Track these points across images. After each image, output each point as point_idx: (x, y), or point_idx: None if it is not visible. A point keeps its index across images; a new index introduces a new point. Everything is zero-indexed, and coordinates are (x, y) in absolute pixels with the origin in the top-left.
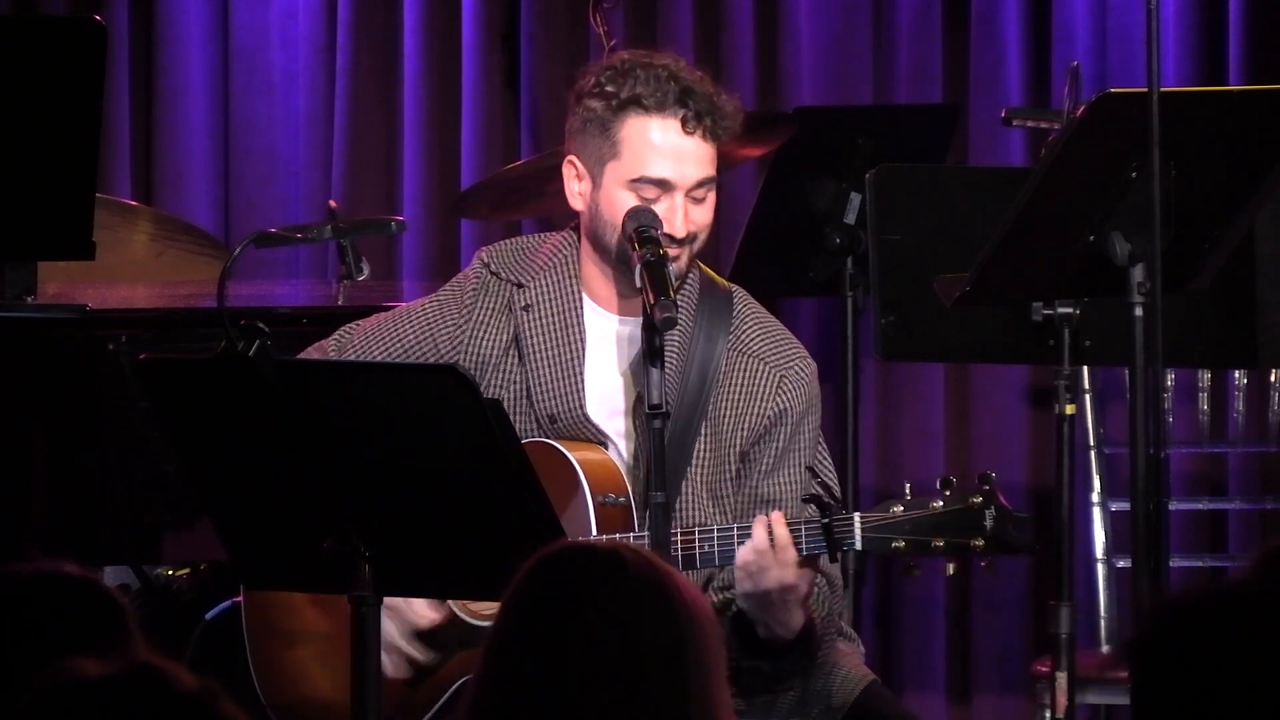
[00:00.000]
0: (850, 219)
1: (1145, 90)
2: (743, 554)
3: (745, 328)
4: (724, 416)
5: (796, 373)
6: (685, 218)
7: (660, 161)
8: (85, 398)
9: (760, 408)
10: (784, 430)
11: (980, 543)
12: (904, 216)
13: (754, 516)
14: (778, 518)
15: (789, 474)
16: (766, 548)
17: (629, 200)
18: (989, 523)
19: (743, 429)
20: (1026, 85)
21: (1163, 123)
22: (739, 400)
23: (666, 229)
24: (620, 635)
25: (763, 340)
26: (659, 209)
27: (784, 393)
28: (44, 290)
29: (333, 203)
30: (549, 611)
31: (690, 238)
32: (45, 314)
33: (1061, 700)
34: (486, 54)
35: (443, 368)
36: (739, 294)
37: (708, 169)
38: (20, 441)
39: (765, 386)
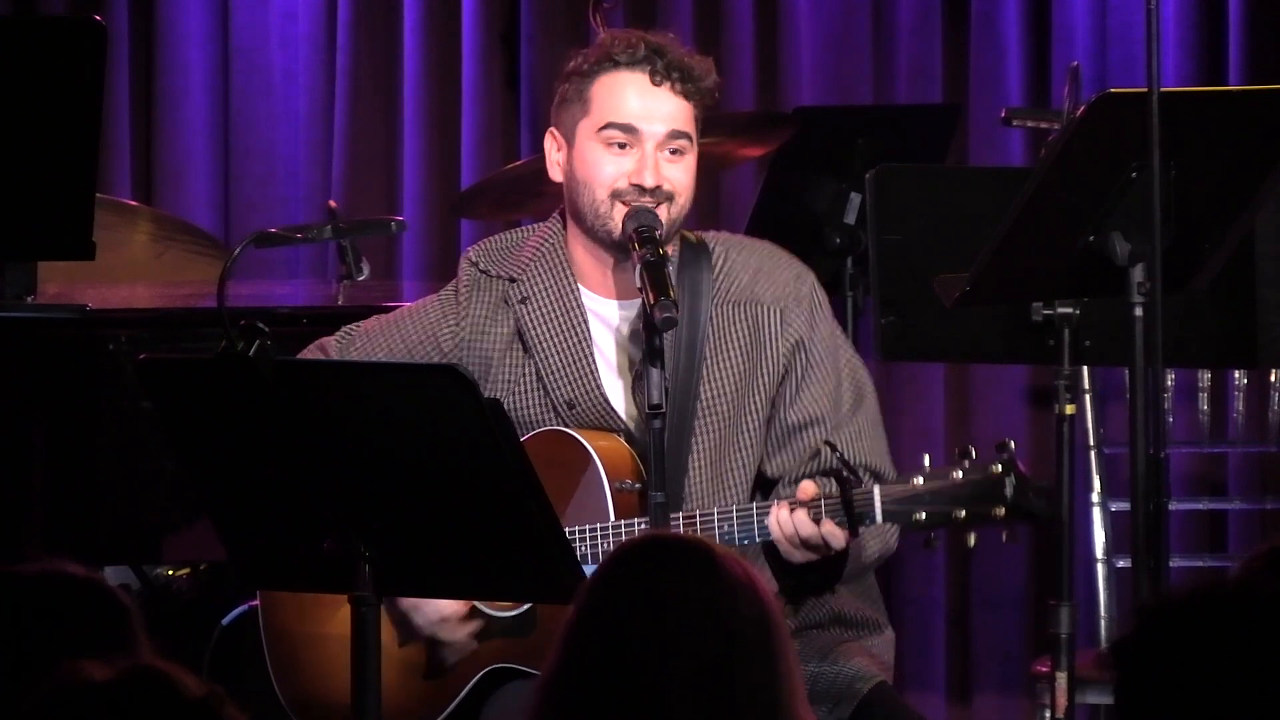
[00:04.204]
0: (850, 219)
1: (1145, 90)
2: (788, 532)
3: (733, 277)
4: (737, 369)
5: (795, 297)
6: (656, 169)
7: (626, 108)
8: (85, 398)
9: (774, 349)
10: (800, 358)
11: (1001, 511)
12: (904, 216)
13: (792, 444)
14: (807, 490)
15: (815, 390)
16: (811, 530)
17: (599, 152)
18: (1009, 491)
19: (764, 374)
20: (1026, 85)
21: (1163, 123)
22: (750, 349)
23: (634, 179)
24: (717, 621)
25: (753, 281)
26: (628, 161)
27: (790, 325)
28: (44, 290)
29: (333, 203)
30: (642, 599)
31: (666, 195)
32: (45, 314)
33: (1061, 700)
34: (486, 54)
35: (443, 367)
36: (714, 240)
37: (677, 124)
38: (20, 441)
39: (772, 325)
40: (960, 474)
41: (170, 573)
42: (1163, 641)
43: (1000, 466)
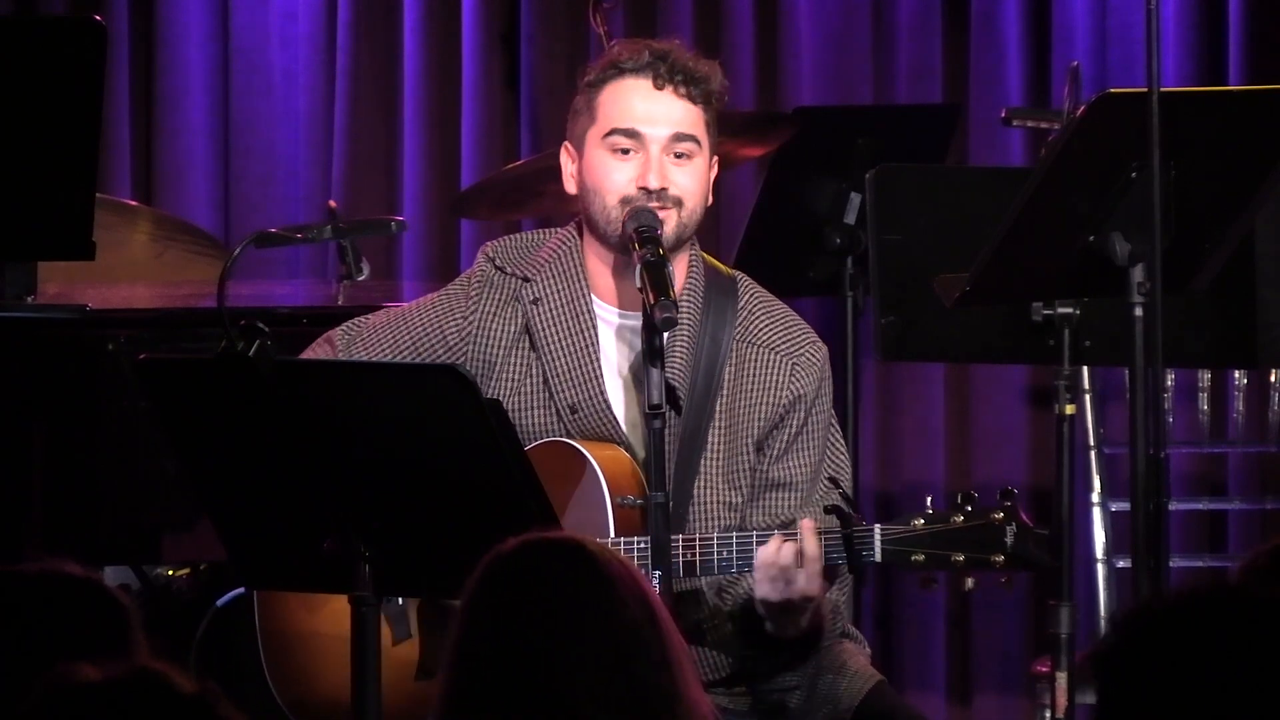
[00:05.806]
0: (850, 219)
1: (1145, 90)
2: (769, 558)
3: (753, 318)
4: (738, 408)
5: (808, 359)
6: (661, 172)
7: (628, 113)
8: (85, 398)
9: (774, 397)
10: (797, 416)
11: (1000, 559)
12: (904, 216)
13: (765, 501)
14: (809, 527)
15: (800, 458)
16: (791, 561)
17: (605, 159)
18: (1010, 539)
19: (758, 419)
20: (1026, 85)
21: (1163, 123)
22: (752, 391)
23: (640, 183)
24: (607, 620)
25: (771, 329)
26: (633, 165)
27: (796, 380)
28: (44, 290)
29: (333, 203)
30: (529, 608)
31: (674, 200)
32: (45, 314)
33: (1061, 700)
34: (486, 54)
35: (443, 368)
36: (743, 281)
37: (682, 126)
38: (20, 441)
39: (778, 376)
40: (961, 519)
41: (170, 573)
42: (1139, 650)
43: (1002, 514)
